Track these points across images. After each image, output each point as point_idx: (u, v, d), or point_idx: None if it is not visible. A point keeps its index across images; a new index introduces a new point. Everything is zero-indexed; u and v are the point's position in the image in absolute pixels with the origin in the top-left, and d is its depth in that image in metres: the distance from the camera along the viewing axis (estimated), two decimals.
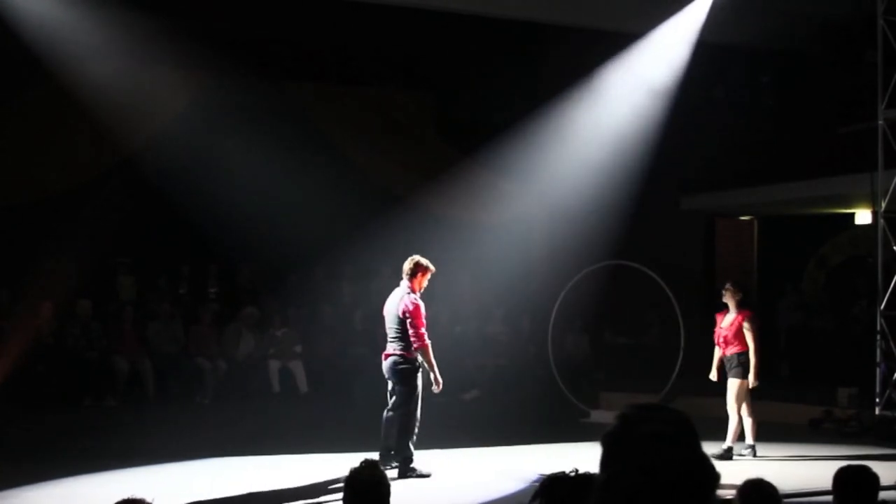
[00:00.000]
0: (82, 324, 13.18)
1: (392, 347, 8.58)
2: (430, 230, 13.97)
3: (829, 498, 4.54)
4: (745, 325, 9.62)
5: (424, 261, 8.69)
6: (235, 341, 14.07)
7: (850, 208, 15.71)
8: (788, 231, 16.98)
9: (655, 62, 13.82)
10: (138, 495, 3.53)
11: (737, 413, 9.68)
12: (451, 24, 13.61)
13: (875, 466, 4.56)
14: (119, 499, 3.50)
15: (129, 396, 13.08)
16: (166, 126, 13.87)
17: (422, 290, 8.68)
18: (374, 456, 7.80)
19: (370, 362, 14.04)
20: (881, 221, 11.69)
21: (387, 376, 8.65)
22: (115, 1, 12.00)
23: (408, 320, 8.46)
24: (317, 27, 14.25)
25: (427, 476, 8.46)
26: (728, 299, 9.74)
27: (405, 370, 8.51)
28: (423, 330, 8.47)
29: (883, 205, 11.58)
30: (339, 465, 7.73)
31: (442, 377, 8.54)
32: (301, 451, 9.60)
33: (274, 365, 13.92)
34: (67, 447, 9.87)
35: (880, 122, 11.61)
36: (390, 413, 8.59)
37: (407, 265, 8.66)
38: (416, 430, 8.55)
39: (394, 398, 8.59)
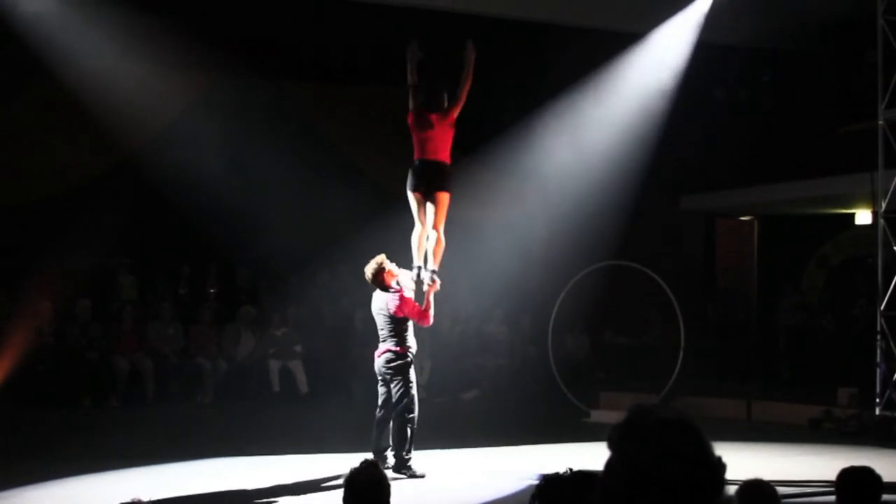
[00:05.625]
0: (82, 324, 13.18)
1: (384, 346, 8.59)
2: None
3: (829, 498, 4.54)
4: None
5: (373, 263, 8.62)
6: (235, 341, 14.08)
7: (850, 208, 15.69)
8: (788, 231, 16.95)
9: (655, 63, 13.82)
10: (138, 495, 3.54)
11: None
12: (452, 24, 13.59)
13: (875, 466, 4.56)
14: (119, 499, 3.51)
15: (129, 396, 13.08)
16: (167, 126, 13.87)
17: (397, 280, 8.62)
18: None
19: (370, 362, 14.06)
20: (881, 221, 11.69)
21: (379, 375, 8.62)
22: (116, 1, 12.00)
23: (406, 318, 8.49)
24: (317, 27, 14.24)
25: (422, 476, 8.42)
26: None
27: (398, 365, 8.51)
28: (418, 309, 8.52)
29: (883, 205, 11.58)
30: (339, 465, 7.73)
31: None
32: (301, 451, 9.59)
33: (274, 365, 13.92)
34: (67, 447, 9.86)
35: (880, 122, 11.60)
36: (384, 413, 8.55)
37: (368, 275, 8.59)
38: (415, 428, 8.52)
39: (387, 399, 8.56)
